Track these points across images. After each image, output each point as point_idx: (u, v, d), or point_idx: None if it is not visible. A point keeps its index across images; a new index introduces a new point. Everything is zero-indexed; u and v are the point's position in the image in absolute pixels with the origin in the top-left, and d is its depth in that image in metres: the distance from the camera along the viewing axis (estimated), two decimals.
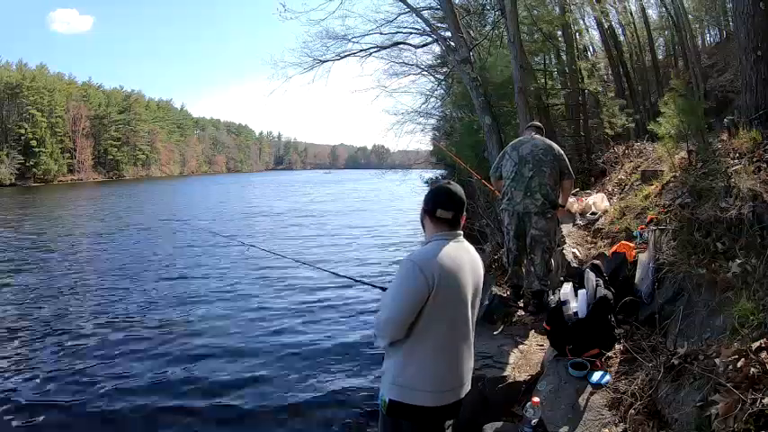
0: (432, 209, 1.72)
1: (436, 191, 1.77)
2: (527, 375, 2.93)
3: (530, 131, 3.92)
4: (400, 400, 1.66)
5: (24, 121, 52.60)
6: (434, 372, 1.65)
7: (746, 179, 2.94)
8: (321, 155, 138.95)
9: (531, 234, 3.71)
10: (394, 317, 1.63)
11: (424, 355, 1.65)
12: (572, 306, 2.91)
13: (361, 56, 10.13)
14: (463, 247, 1.74)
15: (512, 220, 3.77)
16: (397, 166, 24.11)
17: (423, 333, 1.63)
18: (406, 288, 1.62)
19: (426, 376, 1.65)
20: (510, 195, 3.75)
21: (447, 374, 1.68)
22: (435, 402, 1.66)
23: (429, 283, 1.59)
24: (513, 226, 3.77)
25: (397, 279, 1.66)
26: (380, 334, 1.68)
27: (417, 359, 1.65)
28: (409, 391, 1.65)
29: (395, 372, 1.68)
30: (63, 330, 5.86)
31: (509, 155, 3.82)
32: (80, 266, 9.68)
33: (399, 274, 1.66)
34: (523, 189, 3.68)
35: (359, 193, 33.73)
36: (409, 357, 1.65)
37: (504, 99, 8.86)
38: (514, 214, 3.75)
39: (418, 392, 1.65)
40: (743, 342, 1.95)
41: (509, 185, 3.75)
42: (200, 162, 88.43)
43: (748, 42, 3.86)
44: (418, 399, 1.65)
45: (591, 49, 12.27)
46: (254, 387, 4.41)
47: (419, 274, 1.59)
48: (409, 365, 1.65)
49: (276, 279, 8.36)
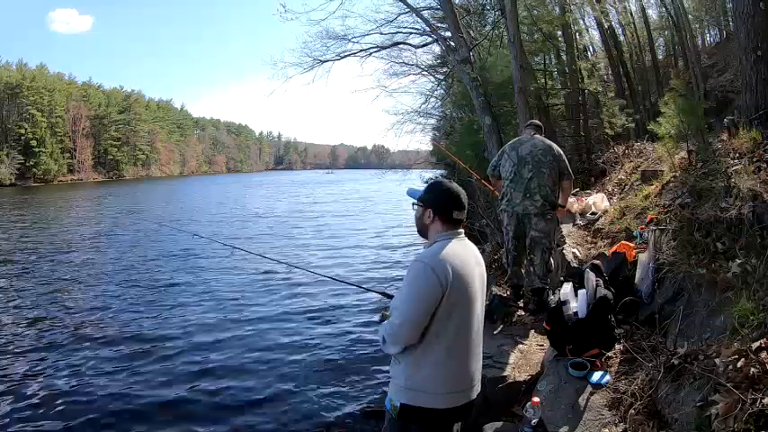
0: (448, 210, 1.70)
1: (448, 192, 1.72)
2: (527, 375, 2.93)
3: (529, 130, 3.91)
4: (412, 404, 1.64)
5: (24, 121, 52.57)
6: (447, 373, 1.63)
7: (746, 179, 2.94)
8: (321, 155, 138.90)
9: (531, 235, 3.71)
10: (410, 320, 1.59)
11: (436, 357, 1.62)
12: (572, 306, 2.91)
13: (361, 56, 10.18)
14: (467, 245, 1.73)
15: (511, 220, 3.78)
16: (397, 166, 24.08)
17: (434, 336, 1.61)
18: (421, 290, 1.58)
19: (439, 378, 1.63)
20: (509, 196, 3.75)
21: (459, 375, 1.67)
22: (447, 404, 1.65)
23: (442, 283, 1.57)
24: (513, 227, 3.77)
25: (408, 281, 1.62)
26: (394, 340, 1.63)
27: (430, 361, 1.62)
28: (422, 395, 1.63)
29: (406, 376, 1.65)
30: (55, 330, 5.84)
31: (508, 155, 3.80)
32: (69, 269, 9.45)
33: (410, 276, 1.62)
34: (523, 190, 3.68)
35: (360, 193, 33.28)
36: (422, 360, 1.63)
37: (504, 99, 8.87)
38: (513, 215, 3.75)
39: (430, 395, 1.63)
40: (743, 342, 1.95)
41: (508, 186, 3.75)
42: (200, 162, 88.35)
43: (748, 42, 3.86)
44: (430, 401, 1.63)
45: (591, 49, 12.27)
46: (251, 391, 4.39)
47: (432, 274, 1.57)
48: (422, 368, 1.63)
49: (273, 283, 8.21)
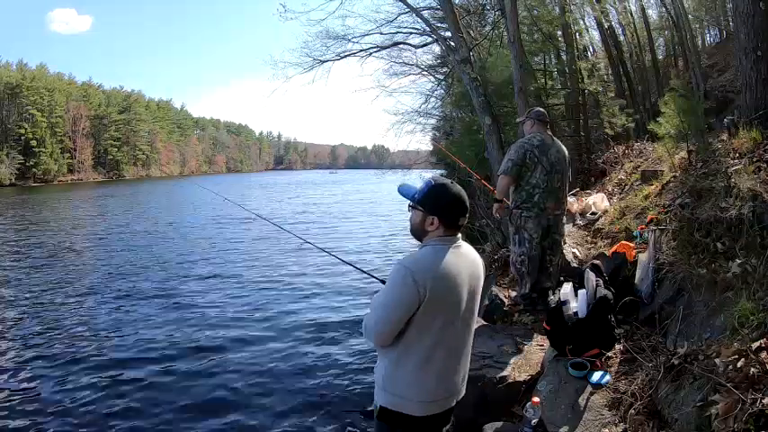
0: (454, 216, 1.63)
1: (453, 197, 1.63)
2: (527, 375, 2.93)
3: (540, 127, 3.74)
4: (390, 408, 1.63)
5: (24, 121, 52.63)
6: (422, 383, 1.61)
7: (746, 179, 2.93)
8: (321, 155, 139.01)
9: (555, 238, 3.78)
10: (380, 323, 1.58)
11: (412, 366, 1.60)
12: (572, 306, 2.91)
13: (361, 56, 10.15)
14: (462, 253, 1.66)
15: (538, 228, 3.69)
16: (397, 166, 24.10)
17: (411, 342, 1.58)
18: (397, 295, 1.55)
19: (413, 387, 1.61)
20: (542, 204, 3.64)
21: (435, 386, 1.63)
22: (424, 412, 1.62)
23: (420, 292, 1.52)
24: (540, 233, 3.71)
25: (388, 284, 1.60)
26: (368, 337, 1.65)
27: (406, 369, 1.60)
28: (399, 399, 1.62)
29: (386, 375, 1.64)
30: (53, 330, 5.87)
31: (538, 159, 3.62)
32: (65, 271, 9.50)
33: (391, 278, 1.58)
34: (555, 199, 3.66)
35: (365, 194, 32.46)
36: (398, 365, 1.61)
37: (504, 99, 8.86)
38: (543, 222, 3.69)
39: (407, 401, 1.61)
40: (743, 342, 1.94)
41: (541, 194, 3.63)
42: (200, 162, 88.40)
43: (748, 42, 3.86)
44: (406, 408, 1.61)
45: (591, 49, 12.25)
46: (254, 386, 4.42)
47: (411, 281, 1.52)
48: (398, 373, 1.61)
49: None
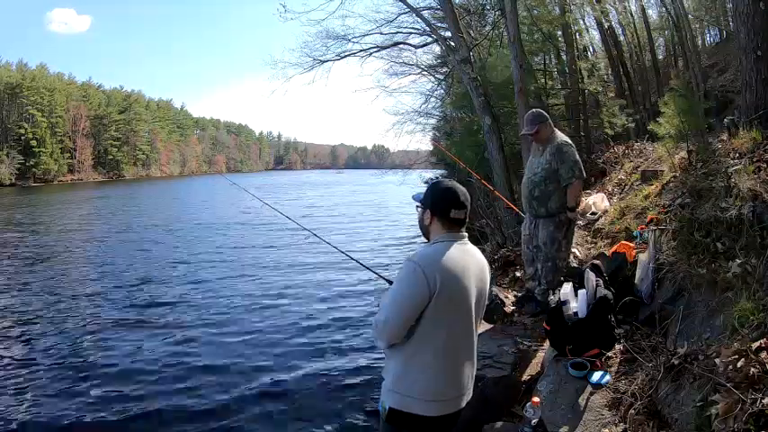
0: (445, 209, 1.65)
1: (445, 190, 1.69)
2: (527, 375, 2.93)
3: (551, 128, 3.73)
4: (400, 409, 1.61)
5: (24, 121, 52.59)
6: (435, 380, 1.60)
7: (746, 179, 2.93)
8: (321, 155, 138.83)
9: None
10: (391, 319, 1.58)
11: (423, 363, 1.59)
12: (572, 306, 2.91)
13: (361, 56, 10.18)
14: (468, 251, 1.68)
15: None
16: (397, 166, 23.97)
17: (422, 338, 1.58)
18: (407, 290, 1.57)
19: (426, 385, 1.60)
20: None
21: (448, 383, 1.63)
22: (435, 412, 1.62)
23: (430, 286, 1.53)
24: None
25: (398, 280, 1.61)
26: (378, 335, 1.64)
27: (417, 367, 1.60)
28: (410, 400, 1.60)
29: (394, 377, 1.63)
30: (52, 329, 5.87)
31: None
32: (64, 272, 9.47)
33: (401, 274, 1.60)
34: None
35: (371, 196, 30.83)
36: (409, 364, 1.60)
37: (504, 99, 8.87)
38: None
39: (418, 401, 1.60)
40: (743, 342, 1.94)
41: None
42: (200, 162, 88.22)
43: (748, 42, 3.86)
44: (418, 408, 1.60)
45: (591, 49, 12.24)
46: (256, 387, 4.42)
47: (421, 276, 1.54)
48: (409, 372, 1.60)
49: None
